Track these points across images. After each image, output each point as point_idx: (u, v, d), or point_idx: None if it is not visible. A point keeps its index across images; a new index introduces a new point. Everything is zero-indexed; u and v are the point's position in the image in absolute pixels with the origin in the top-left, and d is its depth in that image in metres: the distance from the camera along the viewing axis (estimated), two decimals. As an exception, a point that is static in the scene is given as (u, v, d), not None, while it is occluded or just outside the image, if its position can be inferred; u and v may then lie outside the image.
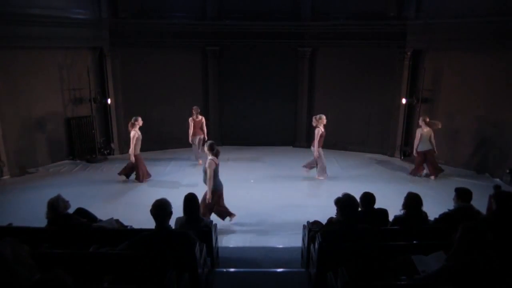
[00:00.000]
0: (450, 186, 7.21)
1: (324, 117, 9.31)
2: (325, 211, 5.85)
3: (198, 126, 10.63)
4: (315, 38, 11.77)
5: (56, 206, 4.67)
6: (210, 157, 6.64)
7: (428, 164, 9.65)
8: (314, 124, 9.35)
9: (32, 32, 9.50)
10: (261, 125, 12.48)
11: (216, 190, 6.75)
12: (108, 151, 11.69)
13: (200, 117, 10.67)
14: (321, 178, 9.55)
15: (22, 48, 9.63)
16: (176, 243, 3.88)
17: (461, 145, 10.53)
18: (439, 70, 10.65)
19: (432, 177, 9.63)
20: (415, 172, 9.85)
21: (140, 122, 9.13)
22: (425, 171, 9.82)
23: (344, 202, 4.12)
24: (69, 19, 10.29)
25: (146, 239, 3.87)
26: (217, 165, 6.69)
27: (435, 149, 9.49)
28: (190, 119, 10.57)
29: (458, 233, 2.96)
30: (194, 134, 10.61)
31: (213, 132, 12.71)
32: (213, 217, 6.80)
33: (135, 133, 8.97)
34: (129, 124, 9.11)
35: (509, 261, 3.19)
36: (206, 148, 6.80)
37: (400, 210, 4.74)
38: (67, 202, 4.84)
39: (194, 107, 10.69)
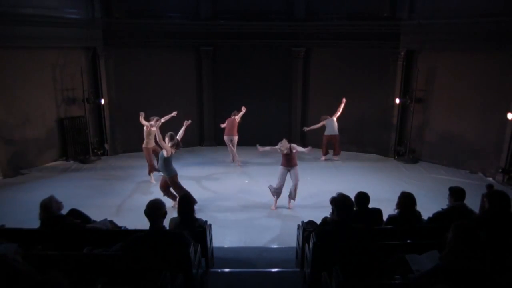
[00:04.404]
0: (443, 186, 7.28)
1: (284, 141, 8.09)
2: (320, 211, 5.88)
3: (230, 126, 10.65)
4: (309, 38, 11.80)
5: (49, 207, 4.61)
6: (170, 144, 7.50)
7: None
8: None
9: (25, 32, 9.42)
10: (255, 125, 12.42)
11: (172, 175, 7.62)
12: (101, 151, 11.63)
13: (233, 117, 10.69)
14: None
15: (15, 48, 9.55)
16: (170, 243, 3.86)
17: (454, 144, 10.59)
18: (432, 70, 10.72)
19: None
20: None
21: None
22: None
23: (339, 202, 4.12)
24: (62, 19, 10.21)
25: (140, 240, 3.85)
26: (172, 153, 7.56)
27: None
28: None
29: (451, 232, 2.97)
30: (227, 134, 10.69)
31: (207, 132, 12.69)
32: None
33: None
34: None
35: (501, 260, 3.21)
36: (167, 139, 7.53)
37: (394, 210, 4.76)
38: (61, 203, 4.78)
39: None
